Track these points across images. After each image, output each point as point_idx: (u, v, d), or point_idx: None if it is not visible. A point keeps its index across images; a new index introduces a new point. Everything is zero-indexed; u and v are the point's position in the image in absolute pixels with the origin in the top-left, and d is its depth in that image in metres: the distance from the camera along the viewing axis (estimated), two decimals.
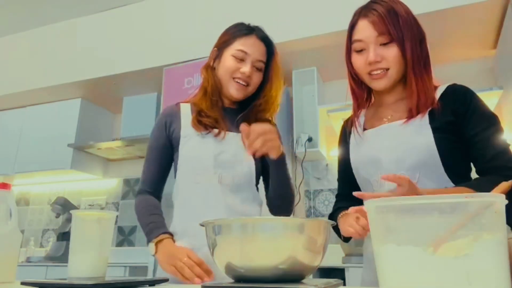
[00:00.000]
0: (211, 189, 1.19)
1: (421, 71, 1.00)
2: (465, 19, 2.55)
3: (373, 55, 0.98)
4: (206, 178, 1.19)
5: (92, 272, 0.88)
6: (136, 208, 1.24)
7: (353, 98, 1.14)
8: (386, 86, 1.03)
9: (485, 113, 0.98)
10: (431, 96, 1.00)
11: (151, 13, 3.48)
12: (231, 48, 1.24)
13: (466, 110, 0.97)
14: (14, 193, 4.09)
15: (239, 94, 1.24)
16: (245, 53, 1.22)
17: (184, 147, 1.22)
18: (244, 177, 1.22)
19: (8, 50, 4.07)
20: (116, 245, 3.67)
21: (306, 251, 0.72)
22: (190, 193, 1.20)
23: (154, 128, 1.30)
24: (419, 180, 0.96)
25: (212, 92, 1.26)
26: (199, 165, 1.20)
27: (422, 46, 1.01)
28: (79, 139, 3.65)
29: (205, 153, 1.20)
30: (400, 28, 0.97)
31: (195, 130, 1.22)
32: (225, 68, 1.24)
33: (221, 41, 1.30)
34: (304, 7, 2.85)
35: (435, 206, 0.49)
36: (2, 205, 0.94)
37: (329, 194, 3.12)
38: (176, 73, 3.07)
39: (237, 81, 1.23)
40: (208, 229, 0.77)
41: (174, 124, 1.27)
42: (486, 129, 0.95)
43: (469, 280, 0.46)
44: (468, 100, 0.98)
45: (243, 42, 1.24)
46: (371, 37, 0.99)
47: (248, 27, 1.28)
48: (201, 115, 1.23)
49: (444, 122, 0.97)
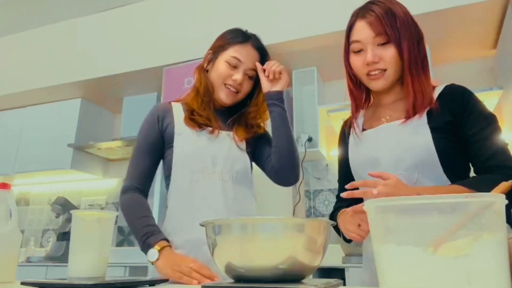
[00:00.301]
0: (211, 186, 1.20)
1: (418, 71, 1.00)
2: (465, 19, 2.55)
3: (371, 56, 0.99)
4: (205, 176, 1.20)
5: (92, 272, 0.88)
6: (123, 207, 1.20)
7: (351, 99, 1.14)
8: (384, 87, 1.03)
9: (482, 113, 0.98)
10: (428, 96, 1.00)
11: (151, 13, 3.48)
12: (226, 54, 1.26)
13: (464, 110, 0.97)
14: (14, 193, 4.09)
15: (228, 100, 1.27)
16: (238, 61, 1.25)
17: (179, 145, 1.23)
18: (242, 172, 1.25)
19: (8, 50, 4.07)
20: (116, 245, 3.67)
21: (306, 251, 0.72)
22: (189, 191, 1.20)
23: (144, 124, 1.28)
24: (418, 180, 0.96)
25: (203, 93, 1.27)
26: (197, 163, 1.21)
27: (419, 46, 1.02)
28: (79, 139, 3.65)
29: (202, 151, 1.22)
30: (398, 28, 0.98)
31: (189, 127, 1.23)
32: (218, 73, 1.26)
33: (216, 45, 1.32)
34: (304, 7, 2.85)
35: (435, 206, 0.49)
36: (2, 205, 0.94)
37: (329, 194, 3.12)
38: (176, 73, 3.07)
39: (228, 87, 1.25)
40: (208, 229, 0.77)
41: (167, 120, 1.27)
42: (484, 128, 0.95)
43: (469, 280, 0.46)
44: (466, 100, 0.98)
45: (238, 49, 1.26)
46: (369, 38, 0.99)
47: (244, 34, 1.30)
48: (193, 114, 1.25)
49: (442, 122, 0.97)
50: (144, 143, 1.25)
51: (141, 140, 1.26)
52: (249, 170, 1.28)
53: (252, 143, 1.33)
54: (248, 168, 1.28)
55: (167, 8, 3.41)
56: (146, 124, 1.28)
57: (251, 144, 1.32)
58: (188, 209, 1.19)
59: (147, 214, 1.17)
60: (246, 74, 1.26)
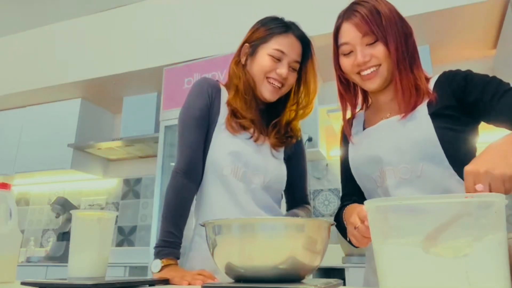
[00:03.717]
0: (241, 190, 1.13)
1: (406, 68, 1.00)
2: (465, 19, 2.55)
3: (361, 56, 0.99)
4: (237, 178, 1.13)
5: (92, 272, 0.88)
6: (166, 194, 1.11)
7: (341, 104, 1.13)
8: (379, 85, 1.02)
9: (484, 76, 0.96)
10: (422, 90, 0.99)
11: (151, 13, 3.48)
12: (267, 46, 1.17)
13: (465, 83, 0.95)
14: (14, 193, 4.10)
15: (273, 96, 1.18)
16: (282, 53, 1.16)
17: (217, 136, 1.15)
18: (275, 177, 1.19)
19: (8, 50, 4.07)
20: (116, 245, 3.67)
21: (306, 251, 0.72)
22: (221, 190, 1.13)
23: (193, 97, 1.18)
24: (423, 172, 0.95)
25: (245, 90, 1.17)
26: (231, 165, 1.13)
27: (408, 42, 1.01)
28: (79, 139, 3.66)
29: (237, 153, 1.14)
30: (384, 27, 0.98)
31: (230, 132, 1.15)
32: (260, 67, 1.17)
33: (255, 37, 1.21)
34: (304, 7, 2.85)
35: (435, 205, 0.50)
36: (2, 205, 0.94)
37: (329, 194, 3.12)
38: (176, 73, 3.07)
39: (272, 81, 1.16)
40: (208, 229, 0.77)
41: (216, 101, 1.18)
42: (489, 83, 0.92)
43: (469, 280, 0.46)
44: (463, 75, 0.97)
45: (281, 41, 1.17)
46: (357, 39, 1.00)
47: (284, 23, 1.21)
48: (237, 116, 1.16)
49: (444, 107, 0.96)
50: (197, 117, 1.15)
51: (192, 114, 1.15)
52: (282, 179, 1.21)
53: (290, 152, 1.27)
54: (282, 176, 1.21)
55: (167, 8, 3.41)
56: (197, 96, 1.17)
57: (288, 152, 1.26)
58: (218, 211, 1.13)
59: (179, 214, 1.09)
60: (290, 66, 1.18)
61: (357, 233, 0.86)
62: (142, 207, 3.75)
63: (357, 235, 0.87)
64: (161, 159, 2.88)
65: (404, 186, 0.96)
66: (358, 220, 0.86)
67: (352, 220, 0.88)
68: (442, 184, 0.93)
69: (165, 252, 1.03)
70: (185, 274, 0.97)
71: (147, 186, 3.77)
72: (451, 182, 0.93)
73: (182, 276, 0.96)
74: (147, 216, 3.69)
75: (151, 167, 3.60)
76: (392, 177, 0.97)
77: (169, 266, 1.01)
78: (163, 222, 1.08)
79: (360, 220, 0.85)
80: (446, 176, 0.93)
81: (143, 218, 3.71)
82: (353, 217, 0.88)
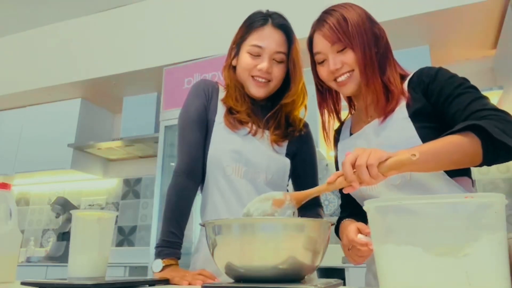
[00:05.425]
0: (243, 186, 1.13)
1: (374, 72, 1.00)
2: (465, 19, 2.55)
3: (333, 64, 1.02)
4: (238, 175, 1.13)
5: (92, 272, 0.88)
6: (167, 195, 1.11)
7: (320, 111, 1.16)
8: (354, 90, 1.04)
9: (452, 76, 0.96)
10: (393, 93, 0.99)
11: (151, 13, 3.48)
12: (246, 43, 1.16)
13: (433, 80, 0.96)
14: (14, 193, 4.10)
15: (261, 92, 1.16)
16: (260, 48, 1.13)
17: (216, 135, 1.15)
18: (277, 173, 1.17)
19: (8, 50, 4.07)
20: (116, 245, 3.68)
21: (306, 251, 0.72)
22: (224, 187, 1.13)
23: (191, 98, 1.19)
24: (412, 175, 0.94)
25: (235, 91, 1.19)
26: (231, 162, 1.13)
27: (379, 45, 1.03)
28: (79, 139, 3.66)
29: (237, 150, 1.13)
30: (350, 33, 0.99)
31: (229, 128, 1.15)
32: (242, 67, 1.16)
33: (238, 36, 1.21)
34: (303, 7, 2.85)
35: (435, 205, 0.50)
36: (2, 205, 0.94)
37: (329, 194, 3.12)
38: (176, 73, 3.07)
39: (256, 78, 1.15)
40: (208, 229, 0.77)
41: (213, 100, 1.19)
42: (457, 87, 0.93)
43: (469, 280, 0.46)
44: (433, 72, 0.98)
45: (258, 35, 1.15)
46: (327, 48, 1.02)
47: (263, 15, 1.19)
48: (232, 113, 1.17)
49: (422, 107, 0.96)
50: (195, 118, 1.16)
51: (190, 115, 1.16)
52: (284, 173, 1.19)
53: (295, 147, 1.24)
54: (284, 171, 1.19)
55: (167, 8, 3.41)
56: (194, 97, 1.18)
57: (292, 147, 1.23)
58: (223, 207, 1.13)
59: (181, 214, 1.09)
60: (273, 59, 1.15)
61: (352, 253, 0.91)
62: (142, 207, 3.75)
63: (352, 255, 0.91)
64: (161, 159, 2.87)
65: (396, 192, 0.95)
66: (348, 244, 0.90)
67: (344, 243, 0.92)
68: (432, 187, 0.92)
69: (166, 252, 1.04)
70: (185, 274, 0.97)
71: (147, 186, 3.77)
72: (440, 183, 0.92)
73: (182, 276, 0.96)
74: (147, 216, 3.69)
75: (151, 167, 3.60)
76: (382, 185, 0.95)
77: (170, 266, 1.02)
78: (164, 222, 1.08)
79: (349, 243, 0.90)
80: (435, 177, 0.93)
81: (143, 218, 3.71)
82: (344, 239, 0.92)
